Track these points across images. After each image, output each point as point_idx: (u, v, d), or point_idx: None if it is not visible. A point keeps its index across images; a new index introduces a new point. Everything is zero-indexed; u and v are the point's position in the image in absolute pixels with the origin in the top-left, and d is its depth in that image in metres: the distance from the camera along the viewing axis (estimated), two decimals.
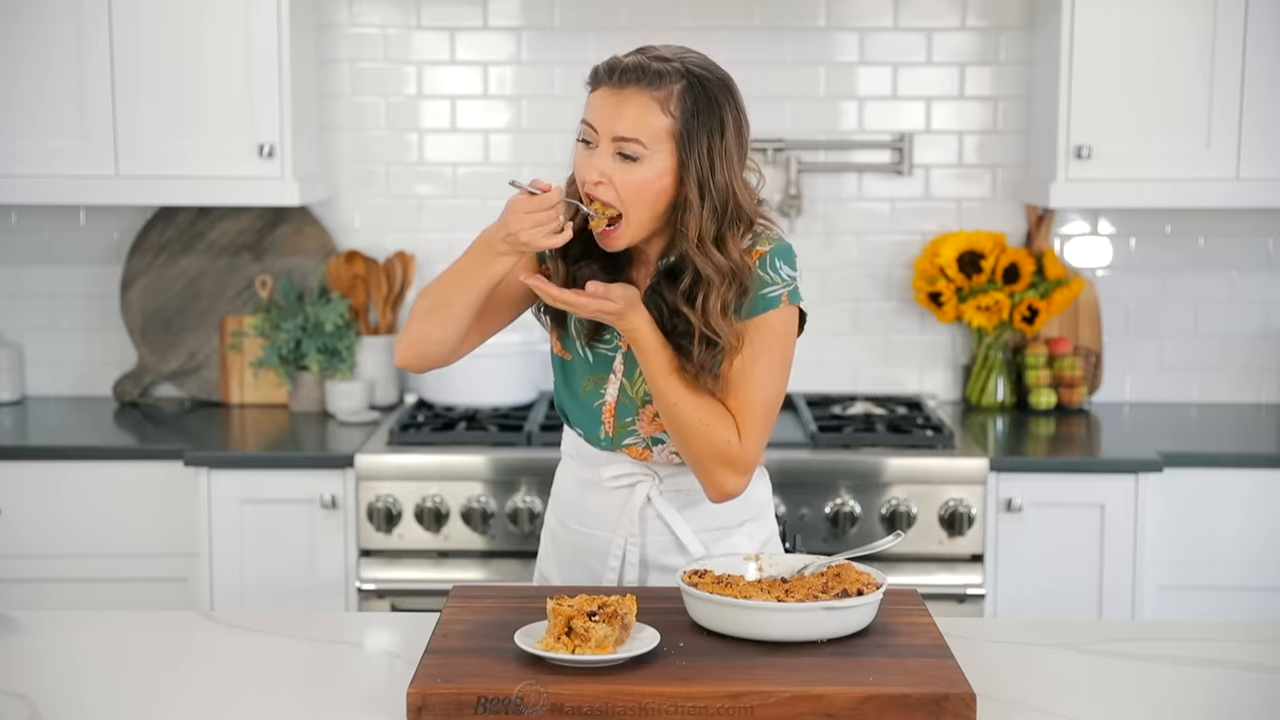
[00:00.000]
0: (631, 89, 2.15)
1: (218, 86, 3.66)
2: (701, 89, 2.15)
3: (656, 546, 2.36)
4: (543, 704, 1.85)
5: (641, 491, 2.35)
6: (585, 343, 2.33)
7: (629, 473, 2.35)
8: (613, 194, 2.16)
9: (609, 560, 2.37)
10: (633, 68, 2.16)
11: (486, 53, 4.02)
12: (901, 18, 3.99)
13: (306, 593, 3.46)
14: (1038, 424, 3.85)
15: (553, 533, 2.48)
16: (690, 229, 2.15)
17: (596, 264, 2.26)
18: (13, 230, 4.08)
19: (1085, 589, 3.46)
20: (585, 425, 2.37)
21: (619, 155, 2.16)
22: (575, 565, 2.42)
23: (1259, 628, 2.32)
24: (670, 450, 2.34)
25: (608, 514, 2.37)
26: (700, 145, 2.14)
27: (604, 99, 2.18)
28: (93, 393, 4.12)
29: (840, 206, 4.05)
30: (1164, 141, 3.66)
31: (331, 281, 4.00)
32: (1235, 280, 4.06)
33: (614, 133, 2.15)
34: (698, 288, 2.17)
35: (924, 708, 1.86)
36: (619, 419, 2.33)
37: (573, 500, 2.42)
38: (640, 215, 2.17)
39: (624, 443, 2.34)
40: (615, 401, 2.32)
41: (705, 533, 2.37)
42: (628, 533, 2.35)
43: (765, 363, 2.22)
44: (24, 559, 3.51)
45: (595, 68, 2.22)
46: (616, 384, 2.32)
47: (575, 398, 2.37)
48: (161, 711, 1.96)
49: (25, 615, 2.32)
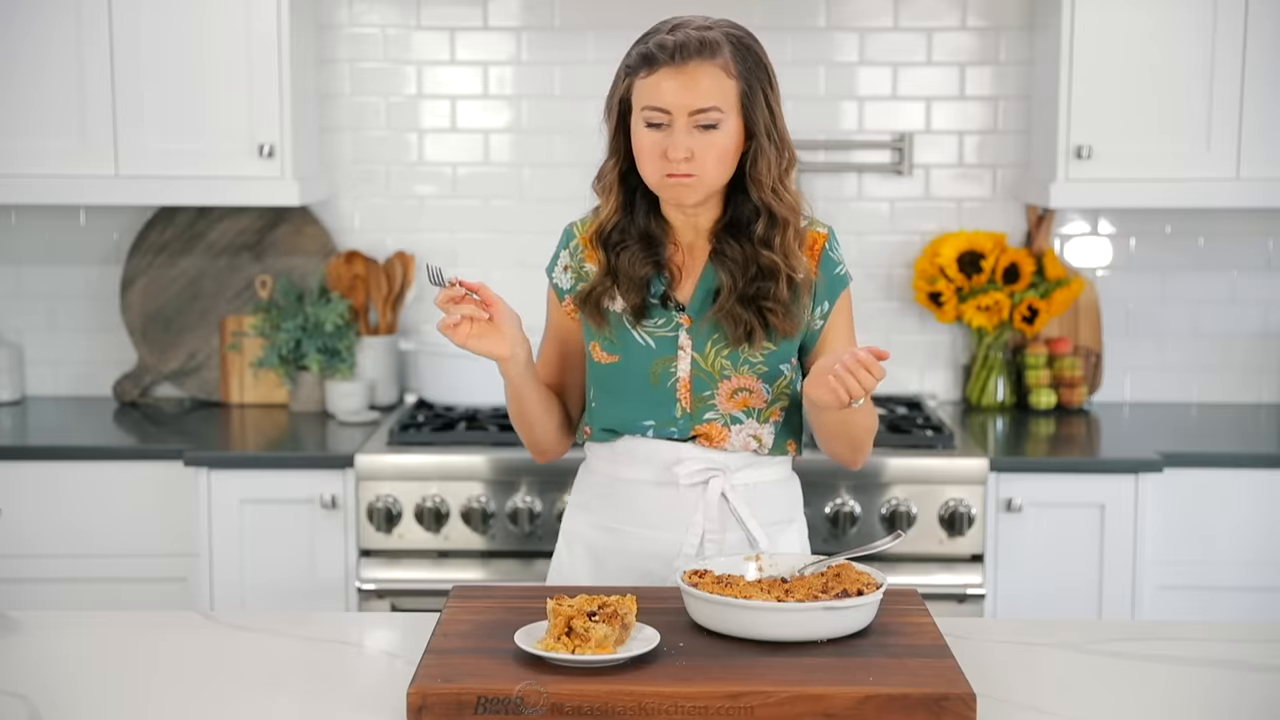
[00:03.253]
0: (695, 62, 2.23)
1: (218, 86, 3.66)
2: (745, 47, 2.28)
3: (729, 544, 2.36)
4: (543, 704, 1.85)
5: (716, 487, 2.34)
6: (635, 326, 2.34)
7: (703, 469, 2.34)
8: (697, 166, 2.24)
9: (675, 562, 2.34)
10: (691, 43, 2.23)
11: (486, 53, 4.02)
12: (901, 18, 3.99)
13: (306, 593, 3.46)
14: (1038, 424, 3.85)
15: (589, 543, 2.42)
16: (765, 176, 2.28)
17: (635, 245, 2.33)
18: (13, 230, 4.08)
19: (1085, 589, 3.46)
20: (658, 413, 2.35)
21: (697, 128, 2.23)
22: (628, 571, 2.38)
23: (1259, 628, 2.32)
24: (749, 434, 2.36)
25: (678, 513, 2.35)
26: (759, 98, 2.27)
27: (670, 78, 2.23)
28: (93, 393, 4.12)
29: (840, 206, 4.05)
30: (1164, 141, 3.66)
31: (331, 281, 4.00)
32: (1235, 280, 4.06)
33: (693, 106, 2.22)
34: (773, 231, 2.30)
35: (924, 708, 1.85)
36: (695, 393, 2.34)
37: (628, 504, 2.38)
38: (720, 177, 2.27)
39: (703, 417, 2.35)
40: (689, 376, 2.34)
41: (768, 526, 2.39)
42: (704, 530, 2.35)
43: (853, 332, 2.43)
44: (24, 559, 3.51)
45: (644, 52, 2.26)
46: (688, 359, 2.34)
47: (644, 390, 2.35)
48: (161, 711, 1.96)
49: (25, 615, 2.32)
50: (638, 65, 2.26)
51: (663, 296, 2.34)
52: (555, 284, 2.43)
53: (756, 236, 2.30)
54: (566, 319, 2.43)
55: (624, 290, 2.33)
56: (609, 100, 2.33)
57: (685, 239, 2.36)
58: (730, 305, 2.30)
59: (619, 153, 2.32)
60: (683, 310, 2.34)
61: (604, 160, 2.35)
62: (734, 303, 2.30)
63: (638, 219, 2.34)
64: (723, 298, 2.31)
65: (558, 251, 2.43)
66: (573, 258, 2.40)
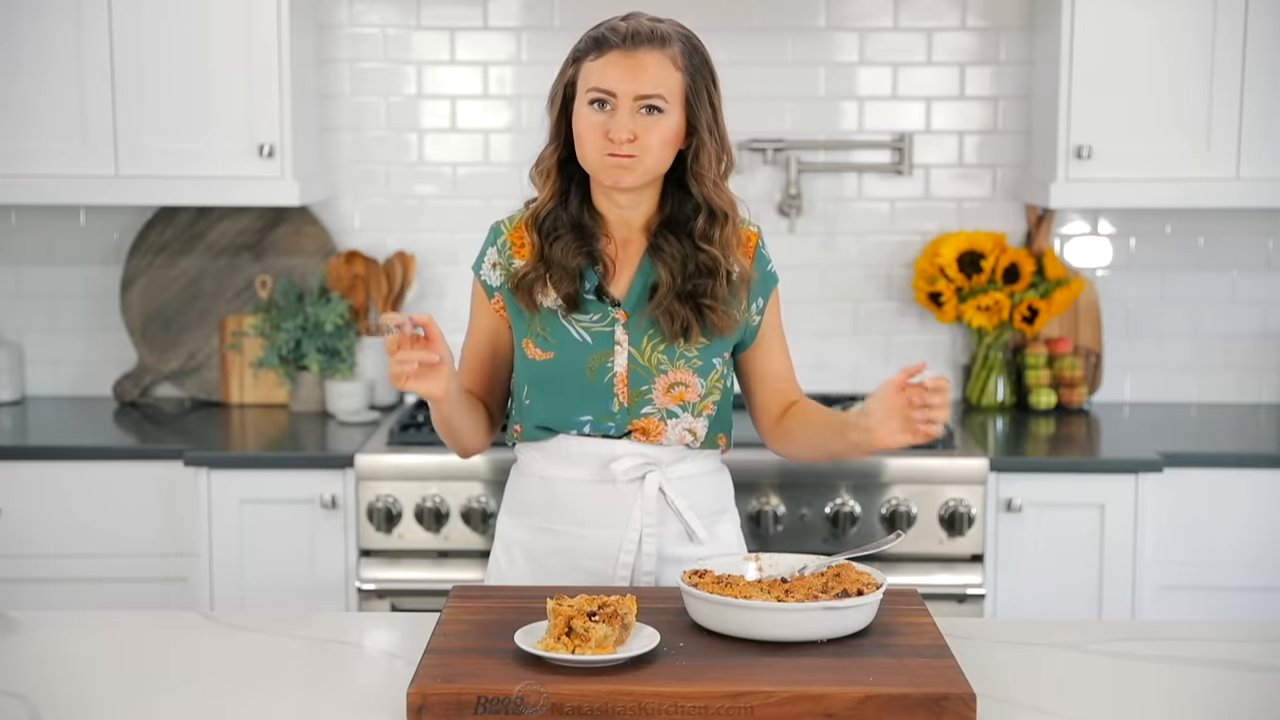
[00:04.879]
0: (645, 49, 2.29)
1: (218, 86, 3.66)
2: (693, 46, 2.35)
3: (668, 538, 2.38)
4: (543, 704, 1.85)
5: (653, 482, 2.36)
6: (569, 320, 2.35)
7: (639, 464, 2.36)
8: (639, 148, 2.27)
9: (620, 557, 2.36)
10: (642, 31, 2.30)
11: (486, 53, 4.02)
12: (901, 18, 3.99)
13: (306, 593, 3.46)
14: (1038, 424, 3.85)
15: (525, 545, 2.43)
16: (707, 171, 2.32)
17: (568, 235, 2.35)
18: (13, 230, 4.08)
19: (1085, 589, 3.46)
20: (595, 408, 2.36)
21: (641, 111, 2.27)
22: (570, 570, 2.39)
23: (1259, 628, 2.32)
24: (684, 428, 2.37)
25: (616, 510, 2.37)
26: (704, 95, 2.32)
27: (618, 62, 2.28)
28: (93, 393, 4.12)
29: (840, 206, 4.05)
30: (1164, 141, 3.66)
31: (331, 281, 4.00)
32: (1235, 280, 4.06)
33: (639, 91, 2.27)
34: (713, 227, 2.34)
35: (924, 708, 1.85)
36: (633, 388, 2.35)
37: (565, 504, 2.39)
38: (659, 164, 2.31)
39: (641, 412, 2.36)
40: (626, 370, 2.35)
41: (704, 518, 2.41)
42: (642, 525, 2.36)
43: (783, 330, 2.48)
44: (24, 559, 3.51)
45: (596, 36, 2.33)
46: (624, 353, 2.35)
47: (580, 386, 2.35)
48: (161, 711, 1.96)
49: (25, 615, 2.32)
50: (588, 49, 2.32)
51: (597, 290, 2.36)
52: (484, 281, 2.43)
53: (697, 231, 2.33)
54: (495, 317, 2.43)
55: (556, 280, 2.34)
56: (553, 88, 2.37)
57: (618, 234, 2.38)
58: (669, 302, 2.33)
59: (559, 139, 2.36)
60: (618, 305, 2.36)
61: (543, 147, 2.38)
62: (672, 299, 2.33)
63: (570, 209, 2.36)
64: (661, 294, 2.33)
65: (484, 249, 2.44)
66: (501, 254, 2.41)
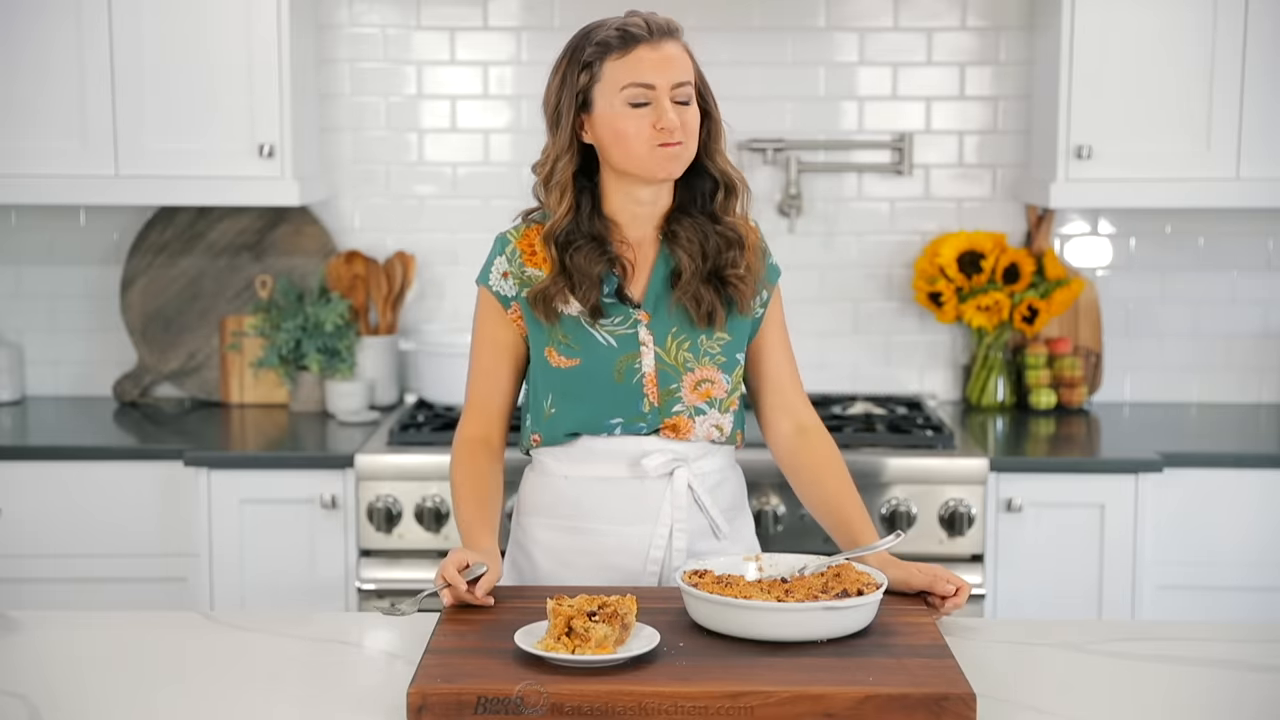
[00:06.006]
0: (668, 41, 2.32)
1: (218, 86, 3.66)
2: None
3: (693, 533, 2.39)
4: (543, 704, 1.85)
5: (682, 477, 2.37)
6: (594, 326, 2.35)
7: (668, 460, 2.36)
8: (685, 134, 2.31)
9: (650, 553, 2.36)
10: (660, 23, 2.32)
11: (486, 53, 4.02)
12: (901, 18, 3.99)
13: (306, 593, 3.46)
14: (1038, 424, 3.85)
15: (548, 545, 2.43)
16: (722, 145, 2.39)
17: (587, 244, 2.34)
18: (13, 230, 4.08)
19: (1085, 589, 3.46)
20: (625, 410, 2.36)
21: (676, 103, 2.30)
22: (599, 568, 2.38)
23: (1259, 628, 2.32)
24: (711, 424, 2.38)
25: (644, 507, 2.37)
26: (704, 79, 2.38)
27: (649, 55, 2.29)
28: (93, 393, 4.12)
29: (840, 206, 4.05)
30: (1164, 141, 3.66)
31: (331, 281, 4.00)
32: (1235, 280, 4.06)
33: (674, 81, 2.30)
34: (731, 199, 2.40)
35: (924, 708, 1.86)
36: (662, 387, 2.36)
37: (590, 502, 2.39)
38: (694, 149, 2.35)
39: (671, 410, 2.36)
40: (655, 370, 2.36)
41: (725, 513, 2.43)
42: (673, 520, 2.36)
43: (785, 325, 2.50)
44: (24, 559, 3.51)
45: (622, 32, 2.30)
46: (650, 354, 2.35)
47: (609, 389, 2.35)
48: (161, 711, 1.96)
49: (25, 615, 2.32)
50: (608, 49, 2.29)
51: (618, 293, 2.35)
52: (496, 292, 2.40)
53: (717, 206, 2.38)
54: (512, 328, 2.40)
55: (580, 290, 2.33)
56: (558, 99, 2.33)
57: (633, 235, 2.38)
58: (694, 286, 2.34)
59: (572, 150, 2.33)
60: (639, 307, 2.36)
61: (549, 162, 2.36)
62: (698, 283, 2.34)
63: (582, 221, 2.35)
64: (685, 279, 2.34)
65: (490, 260, 2.41)
66: (511, 263, 2.39)
